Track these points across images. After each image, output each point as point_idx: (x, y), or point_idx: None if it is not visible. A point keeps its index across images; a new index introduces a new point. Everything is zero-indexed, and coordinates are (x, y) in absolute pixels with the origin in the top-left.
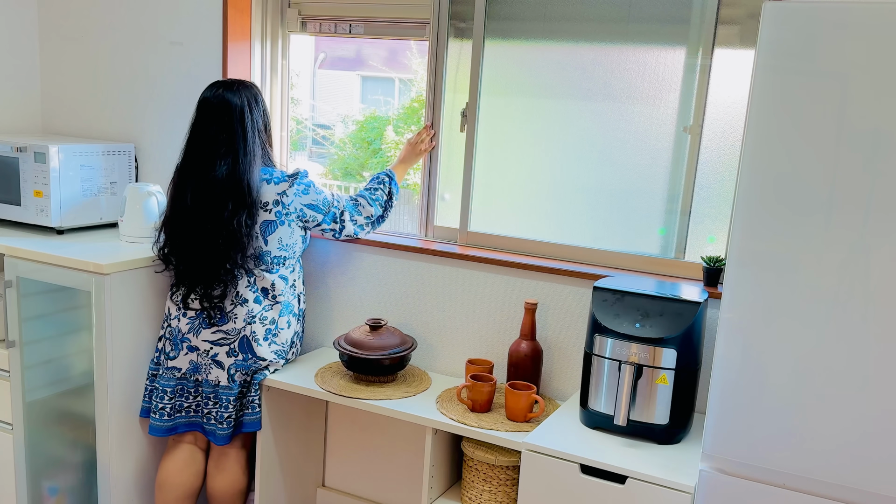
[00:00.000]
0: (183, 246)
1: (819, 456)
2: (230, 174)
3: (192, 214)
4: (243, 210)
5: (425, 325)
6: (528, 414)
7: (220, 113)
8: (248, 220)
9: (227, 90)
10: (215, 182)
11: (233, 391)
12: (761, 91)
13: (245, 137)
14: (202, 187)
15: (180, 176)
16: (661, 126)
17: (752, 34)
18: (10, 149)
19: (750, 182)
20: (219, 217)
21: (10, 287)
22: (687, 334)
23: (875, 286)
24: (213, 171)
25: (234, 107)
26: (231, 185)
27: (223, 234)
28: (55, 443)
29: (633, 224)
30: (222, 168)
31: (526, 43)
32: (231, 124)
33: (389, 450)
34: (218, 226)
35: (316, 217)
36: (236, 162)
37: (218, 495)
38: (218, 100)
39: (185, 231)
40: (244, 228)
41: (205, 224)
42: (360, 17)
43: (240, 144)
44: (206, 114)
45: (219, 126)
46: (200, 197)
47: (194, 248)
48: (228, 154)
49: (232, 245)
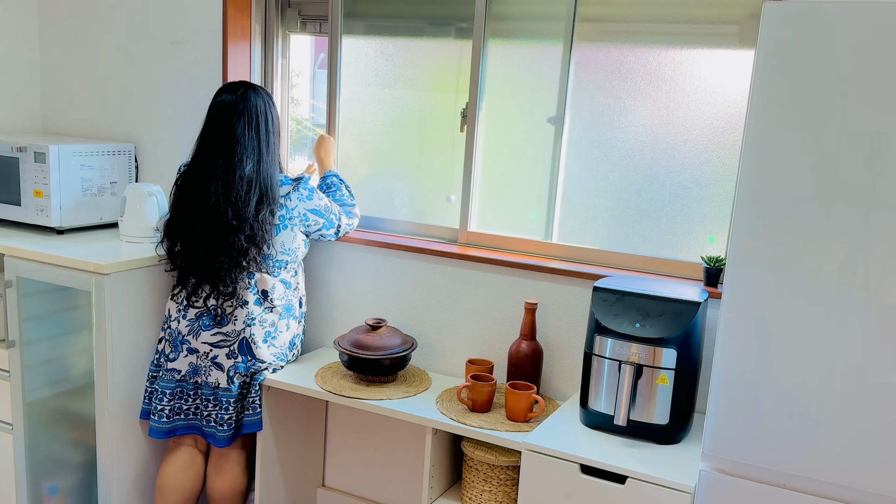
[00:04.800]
0: (194, 244)
1: (819, 456)
2: (256, 172)
3: (210, 212)
4: (266, 206)
5: (425, 325)
6: (528, 414)
7: (245, 113)
8: (270, 217)
9: (250, 91)
10: (242, 180)
11: (232, 393)
12: (761, 91)
13: (269, 138)
14: (227, 186)
15: (196, 174)
16: (659, 126)
17: (752, 34)
18: (10, 149)
19: (750, 182)
20: (244, 213)
21: (10, 287)
22: (687, 334)
23: (875, 286)
24: (241, 169)
25: (259, 108)
26: (257, 182)
27: (246, 231)
28: (55, 443)
29: (633, 224)
30: (247, 166)
31: (526, 42)
32: (257, 125)
33: (389, 450)
34: (242, 222)
35: (318, 221)
36: (261, 161)
37: (218, 496)
38: (243, 101)
39: (197, 229)
40: (268, 225)
41: (228, 221)
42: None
43: (264, 144)
44: (228, 114)
45: (245, 126)
46: (225, 195)
47: (209, 245)
48: (254, 153)
49: (253, 241)
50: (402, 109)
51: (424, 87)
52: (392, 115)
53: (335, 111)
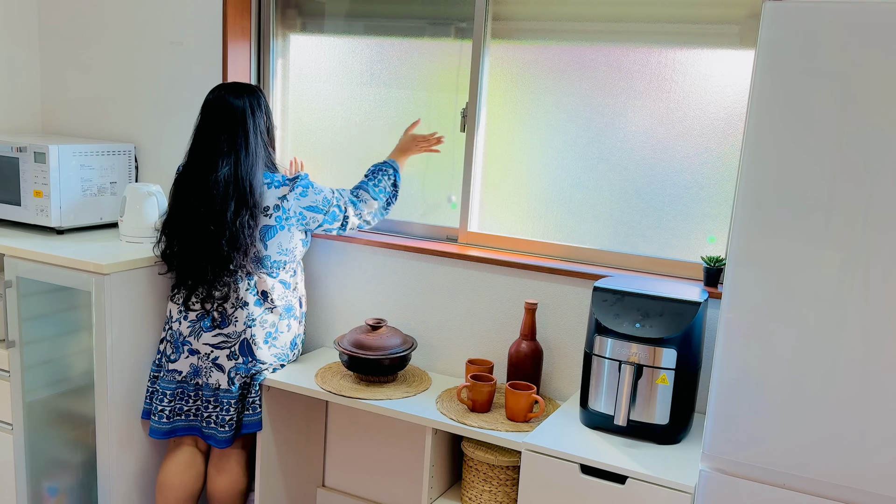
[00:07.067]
0: (185, 247)
1: (819, 456)
2: (232, 175)
3: (195, 216)
4: (246, 211)
5: (425, 325)
6: (528, 414)
7: (221, 115)
8: (251, 222)
9: (229, 93)
10: (217, 183)
11: (233, 395)
12: (761, 91)
13: (247, 139)
14: (205, 188)
15: (183, 178)
16: (661, 125)
17: (752, 34)
18: (10, 149)
19: (750, 182)
20: (222, 218)
21: (10, 287)
22: (687, 334)
23: (875, 286)
24: (216, 171)
25: (236, 108)
26: (233, 185)
27: (226, 235)
28: (55, 443)
29: (634, 224)
30: (224, 169)
31: (526, 42)
32: (233, 126)
33: (389, 450)
34: (221, 227)
35: (316, 218)
36: (238, 163)
37: (218, 496)
38: (219, 101)
39: (187, 232)
40: (247, 230)
41: (207, 225)
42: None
43: (241, 145)
44: (208, 116)
45: (220, 128)
46: (203, 198)
47: (197, 249)
48: (230, 155)
49: (234, 246)
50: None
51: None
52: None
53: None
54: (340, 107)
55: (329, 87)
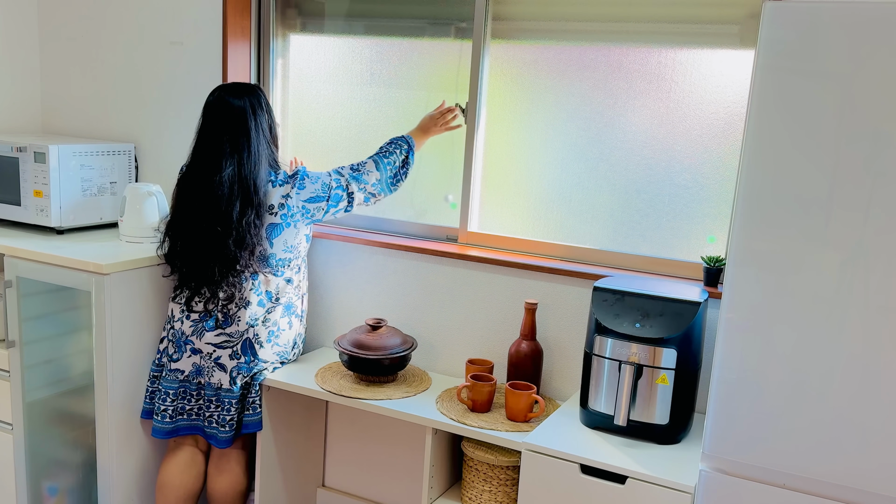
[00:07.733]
0: (190, 248)
1: (819, 456)
2: (236, 175)
3: (200, 217)
4: (251, 210)
5: (425, 325)
6: (528, 414)
7: (222, 116)
8: (257, 221)
9: (229, 94)
10: (222, 183)
11: (234, 394)
12: (761, 91)
13: (249, 138)
14: (209, 189)
15: (186, 179)
16: (661, 124)
17: (752, 34)
18: (10, 149)
19: (750, 182)
20: (227, 218)
21: (10, 287)
22: (687, 334)
23: (875, 286)
24: (220, 172)
25: (237, 109)
26: (238, 185)
27: (233, 236)
28: (55, 443)
29: (636, 224)
30: (228, 169)
31: (526, 42)
32: (234, 126)
33: (389, 450)
34: (227, 227)
35: (320, 206)
36: (241, 163)
37: (218, 496)
38: (220, 103)
39: (192, 233)
40: (253, 229)
41: (214, 226)
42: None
43: (244, 145)
44: (209, 118)
45: (222, 129)
46: (208, 199)
47: (202, 250)
48: (233, 155)
49: (241, 246)
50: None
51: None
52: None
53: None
54: (340, 107)
55: (329, 86)
